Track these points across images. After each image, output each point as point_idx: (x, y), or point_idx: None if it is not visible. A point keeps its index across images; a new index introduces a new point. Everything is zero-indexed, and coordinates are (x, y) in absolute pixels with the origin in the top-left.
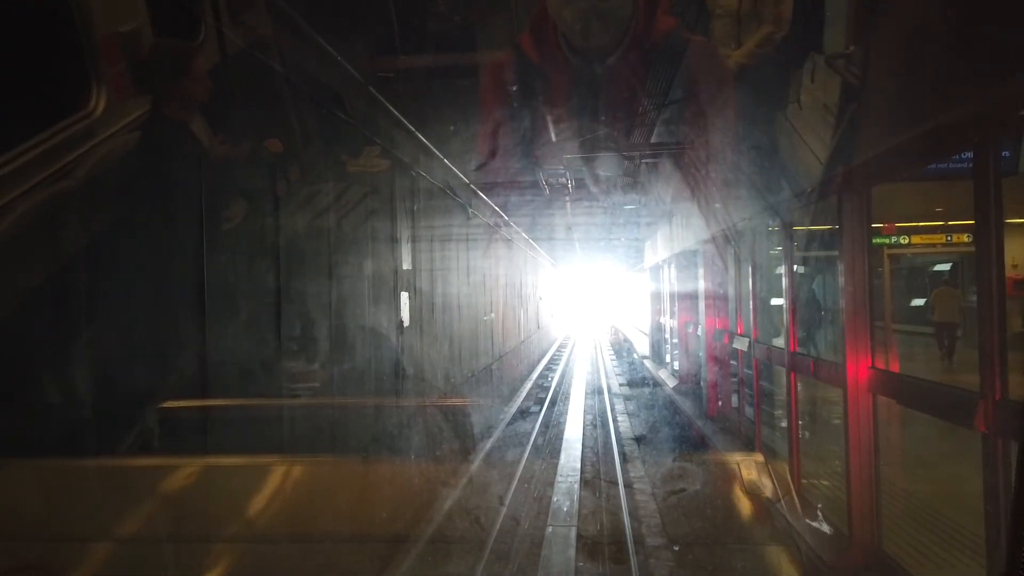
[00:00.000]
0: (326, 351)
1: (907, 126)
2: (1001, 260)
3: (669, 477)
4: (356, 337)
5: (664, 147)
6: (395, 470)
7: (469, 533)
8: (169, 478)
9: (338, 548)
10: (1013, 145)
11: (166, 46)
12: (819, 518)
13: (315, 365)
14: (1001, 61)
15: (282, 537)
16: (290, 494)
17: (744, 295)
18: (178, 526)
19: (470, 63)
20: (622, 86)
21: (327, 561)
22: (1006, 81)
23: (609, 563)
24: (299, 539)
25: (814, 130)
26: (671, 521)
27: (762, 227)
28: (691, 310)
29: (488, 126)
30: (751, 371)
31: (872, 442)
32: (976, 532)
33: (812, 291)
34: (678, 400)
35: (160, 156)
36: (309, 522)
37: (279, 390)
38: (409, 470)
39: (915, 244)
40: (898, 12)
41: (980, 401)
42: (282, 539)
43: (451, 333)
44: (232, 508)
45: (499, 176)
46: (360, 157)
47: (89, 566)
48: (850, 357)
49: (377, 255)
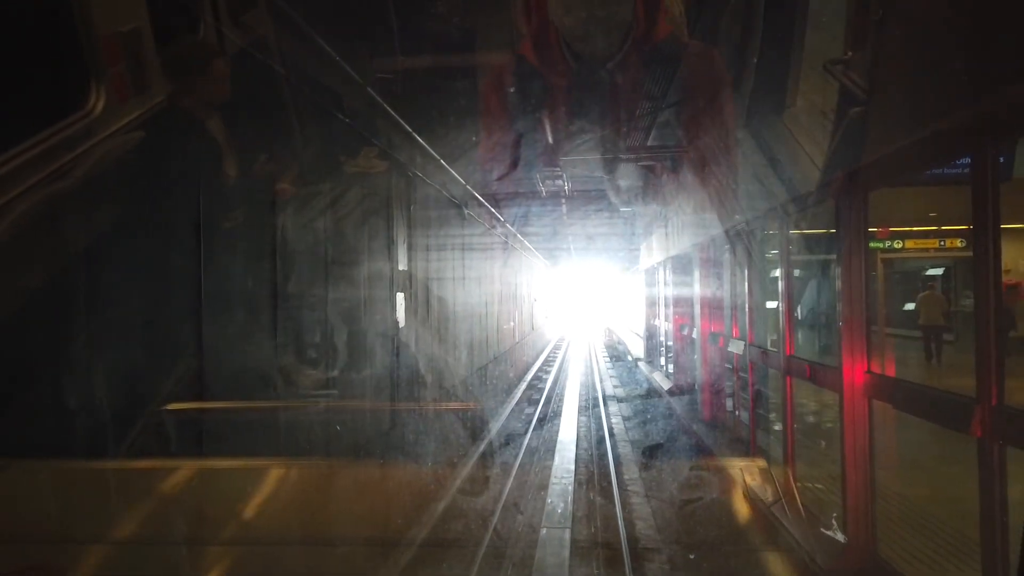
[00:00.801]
0: (327, 352)
1: (906, 131)
2: (998, 265)
3: (663, 482)
4: (353, 339)
5: (661, 150)
6: (391, 473)
7: (465, 533)
8: (168, 480)
9: (333, 550)
10: (1009, 151)
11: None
12: (815, 522)
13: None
14: (1000, 68)
15: (280, 539)
16: (287, 496)
17: (740, 298)
18: (177, 528)
19: (469, 65)
20: (620, 90)
21: (322, 563)
22: (1005, 88)
23: (604, 567)
24: (296, 542)
25: (812, 135)
26: (665, 525)
27: (758, 230)
28: (686, 313)
29: (486, 128)
30: (747, 375)
31: (868, 446)
32: (972, 537)
33: (808, 295)
34: (673, 404)
35: (159, 156)
36: (305, 524)
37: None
38: (404, 473)
39: (909, 248)
40: (898, 18)
41: (976, 406)
42: (280, 541)
43: (447, 335)
44: (230, 510)
45: (496, 178)
46: (358, 158)
47: (89, 567)
48: (846, 361)
49: (374, 257)
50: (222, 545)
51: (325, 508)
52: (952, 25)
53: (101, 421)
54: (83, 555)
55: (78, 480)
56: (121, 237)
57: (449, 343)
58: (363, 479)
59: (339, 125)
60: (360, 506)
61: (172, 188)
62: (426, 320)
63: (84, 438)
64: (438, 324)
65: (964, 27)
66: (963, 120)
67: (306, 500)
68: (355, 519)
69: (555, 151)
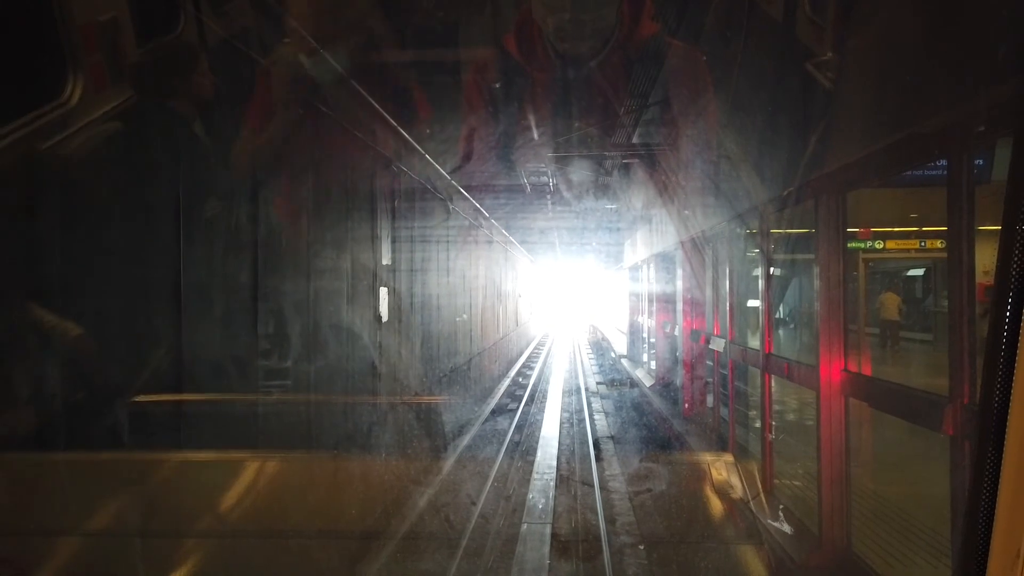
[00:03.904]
0: (302, 345)
1: (884, 133)
2: (972, 266)
3: (643, 476)
4: (332, 332)
5: (644, 148)
6: (369, 467)
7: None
8: (142, 472)
9: (311, 543)
10: (987, 154)
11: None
12: (790, 518)
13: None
14: (976, 72)
15: (256, 532)
16: (263, 489)
17: (721, 297)
18: (151, 520)
19: (454, 60)
20: (604, 88)
21: (300, 557)
22: (980, 92)
23: (582, 561)
24: (272, 535)
25: (791, 135)
26: (644, 518)
27: (739, 230)
28: (669, 311)
29: (471, 124)
30: (727, 372)
31: (844, 444)
32: (943, 533)
33: (787, 294)
34: (655, 400)
35: (136, 147)
36: (282, 517)
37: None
38: (383, 467)
39: (890, 249)
40: (878, 20)
41: (948, 405)
42: (256, 534)
43: (431, 329)
44: (205, 503)
45: (481, 174)
46: (341, 151)
47: (59, 560)
48: (823, 359)
49: (356, 250)
50: (198, 538)
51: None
52: (931, 28)
53: (73, 412)
54: (53, 548)
55: (48, 472)
56: (97, 227)
57: (433, 338)
58: (341, 472)
59: (322, 117)
60: (343, 499)
61: (150, 180)
62: (410, 314)
63: (55, 430)
64: (422, 318)
65: (942, 30)
66: (939, 123)
67: (285, 493)
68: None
69: (540, 147)
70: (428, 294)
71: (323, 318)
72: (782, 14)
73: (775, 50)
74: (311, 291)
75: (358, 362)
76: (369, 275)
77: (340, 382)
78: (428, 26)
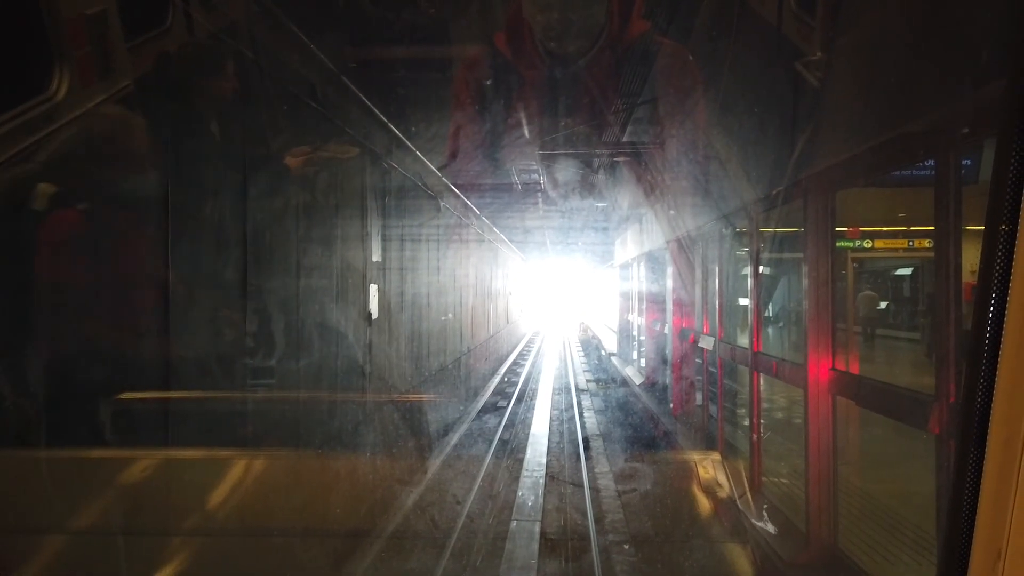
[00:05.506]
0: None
1: (872, 133)
2: (959, 266)
3: (631, 474)
4: (321, 330)
5: (633, 147)
6: (357, 465)
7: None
8: (127, 470)
9: (297, 542)
10: (975, 155)
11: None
12: (777, 516)
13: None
14: (963, 74)
15: (242, 531)
16: (250, 488)
17: (710, 295)
18: (136, 519)
19: (444, 56)
20: (594, 87)
21: (286, 555)
22: (967, 93)
23: (571, 559)
24: (258, 533)
25: (780, 134)
26: (632, 516)
27: (729, 229)
28: (659, 309)
29: (461, 121)
30: (715, 370)
31: (831, 442)
32: (928, 530)
33: (776, 293)
34: (644, 398)
35: (123, 142)
36: (268, 516)
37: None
38: (372, 465)
39: (879, 248)
40: (868, 21)
41: (935, 404)
42: (242, 533)
43: (421, 327)
44: (191, 501)
45: (472, 171)
46: (331, 147)
47: (43, 559)
48: (811, 358)
49: (346, 247)
50: (184, 536)
51: (291, 499)
52: (918, 29)
53: (56, 410)
54: (36, 546)
55: (32, 469)
56: (84, 223)
57: (423, 335)
58: (332, 471)
59: (313, 114)
60: (330, 498)
61: (137, 176)
62: (400, 312)
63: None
64: (412, 316)
65: (929, 31)
66: (927, 124)
67: (272, 491)
68: (324, 510)
69: (531, 145)
70: (418, 292)
71: (312, 316)
72: (771, 14)
73: (764, 50)
74: (300, 288)
75: (349, 360)
76: (359, 272)
77: (328, 380)
78: (418, 22)
